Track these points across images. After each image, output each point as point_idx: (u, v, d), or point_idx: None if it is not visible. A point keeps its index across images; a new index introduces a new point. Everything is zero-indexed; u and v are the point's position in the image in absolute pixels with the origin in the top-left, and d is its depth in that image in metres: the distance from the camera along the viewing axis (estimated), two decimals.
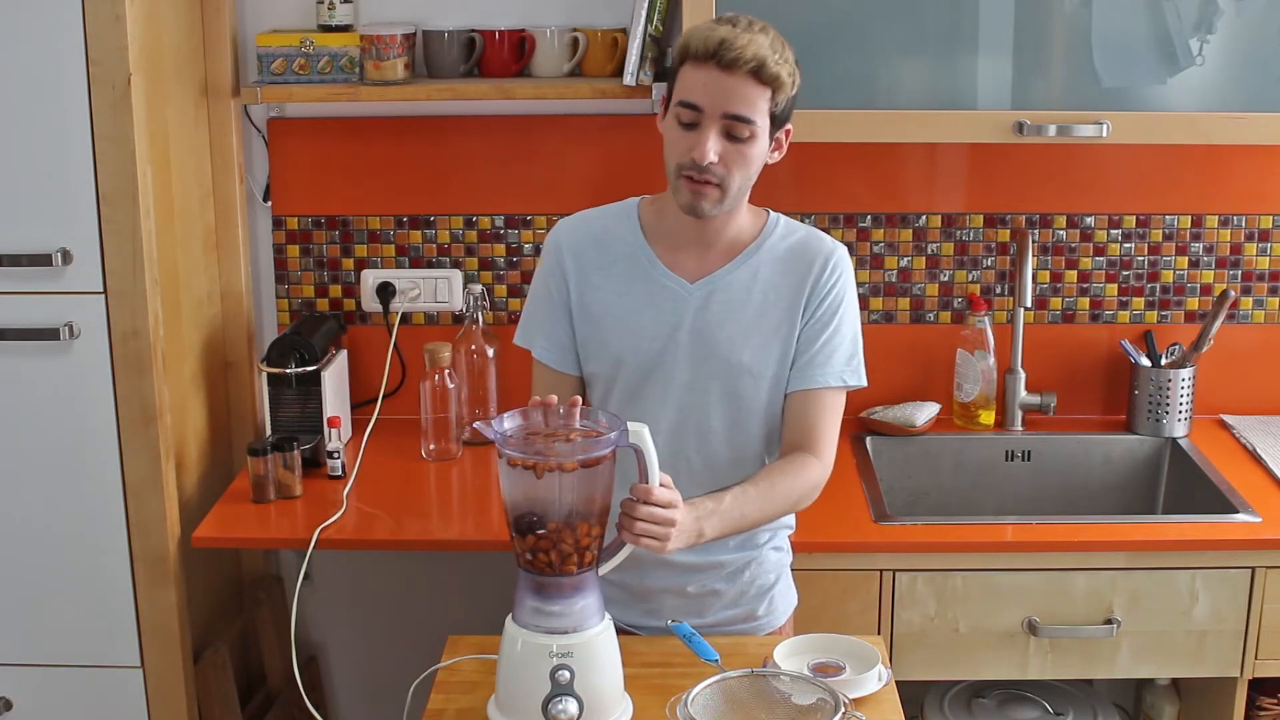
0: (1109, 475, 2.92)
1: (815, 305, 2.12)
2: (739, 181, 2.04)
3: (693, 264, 2.13)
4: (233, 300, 2.90)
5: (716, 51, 1.96)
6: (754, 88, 1.97)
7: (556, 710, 1.83)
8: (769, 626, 2.26)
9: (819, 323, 2.13)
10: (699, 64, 1.98)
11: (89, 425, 2.50)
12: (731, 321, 2.12)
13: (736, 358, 2.12)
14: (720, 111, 1.98)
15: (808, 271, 2.12)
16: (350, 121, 2.90)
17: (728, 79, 1.97)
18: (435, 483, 2.75)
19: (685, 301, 2.12)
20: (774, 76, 1.98)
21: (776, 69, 1.98)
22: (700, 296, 2.12)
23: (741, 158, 2.01)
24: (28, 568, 2.57)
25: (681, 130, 2.01)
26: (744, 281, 2.12)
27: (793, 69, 2.02)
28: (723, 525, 2.01)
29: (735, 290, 2.12)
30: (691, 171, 2.01)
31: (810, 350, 2.13)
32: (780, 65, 1.98)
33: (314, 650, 3.16)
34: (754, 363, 2.13)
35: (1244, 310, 2.98)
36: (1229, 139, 2.59)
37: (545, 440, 1.86)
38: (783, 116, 2.04)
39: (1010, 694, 2.72)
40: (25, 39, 2.35)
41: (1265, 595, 2.49)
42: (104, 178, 2.39)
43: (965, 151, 2.91)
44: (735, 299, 2.12)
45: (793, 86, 2.02)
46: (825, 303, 2.13)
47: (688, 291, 2.13)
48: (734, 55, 1.95)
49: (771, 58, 1.97)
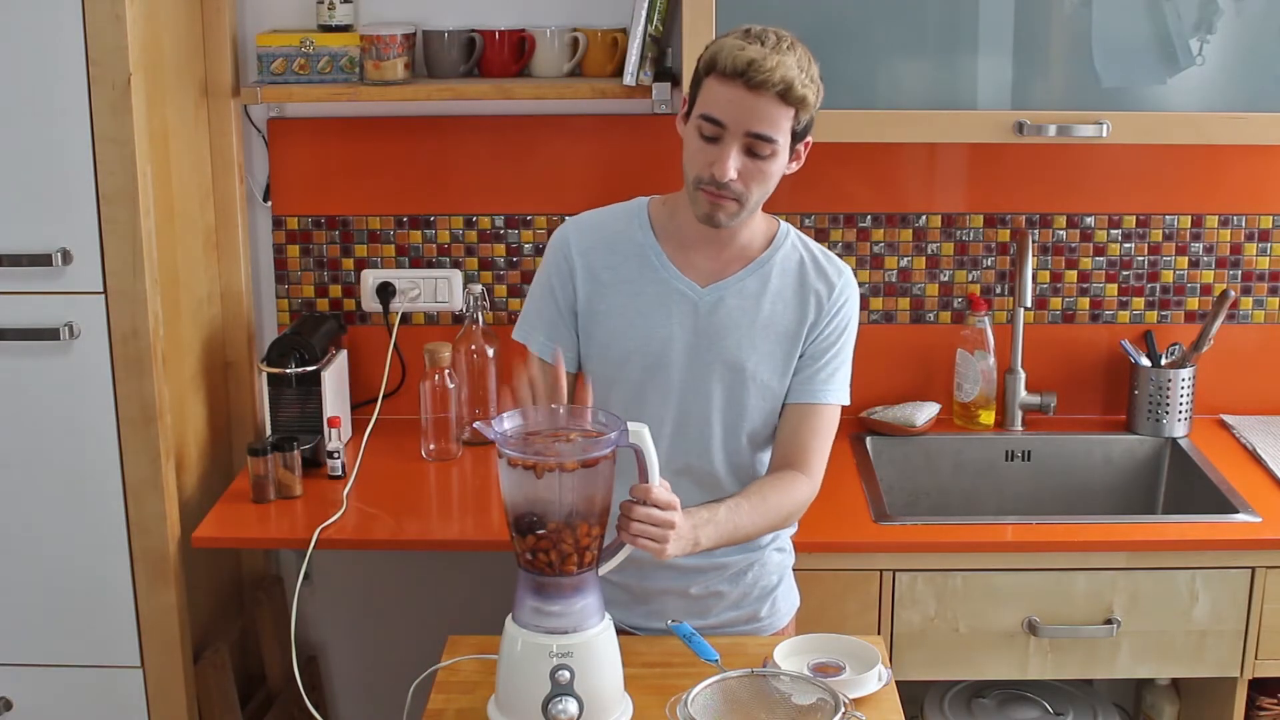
0: (1109, 475, 2.92)
1: (824, 324, 2.14)
2: (757, 196, 2.04)
3: (704, 267, 2.14)
4: (233, 300, 2.90)
5: (745, 71, 1.95)
6: (779, 108, 1.97)
7: (556, 710, 1.83)
8: (772, 628, 2.26)
9: (826, 340, 2.14)
10: (725, 81, 1.97)
11: (89, 425, 2.50)
12: (738, 327, 2.12)
13: (740, 363, 2.13)
14: (744, 130, 1.98)
15: (820, 289, 2.14)
16: (350, 121, 2.90)
17: (754, 99, 1.96)
18: (435, 483, 2.75)
19: (694, 304, 2.12)
20: (800, 99, 1.98)
21: (803, 91, 1.98)
22: (710, 301, 2.12)
23: (761, 174, 2.01)
24: (28, 568, 2.57)
25: (702, 142, 2.01)
26: (754, 289, 2.13)
27: (818, 87, 2.02)
28: (718, 535, 2.02)
29: (745, 297, 2.13)
30: (710, 186, 2.01)
31: (814, 366, 2.14)
32: (807, 87, 1.98)
33: (314, 650, 3.16)
34: (757, 370, 2.13)
35: (1244, 310, 2.98)
36: (1229, 139, 2.59)
37: (545, 440, 1.86)
38: (804, 131, 2.05)
39: (1010, 694, 2.72)
40: (25, 39, 2.35)
41: (1265, 595, 2.49)
42: (104, 178, 2.39)
43: (965, 151, 2.91)
44: (744, 306, 2.12)
45: (817, 103, 2.03)
46: (834, 323, 2.14)
47: (697, 295, 2.13)
48: (763, 78, 1.95)
49: (799, 79, 1.97)
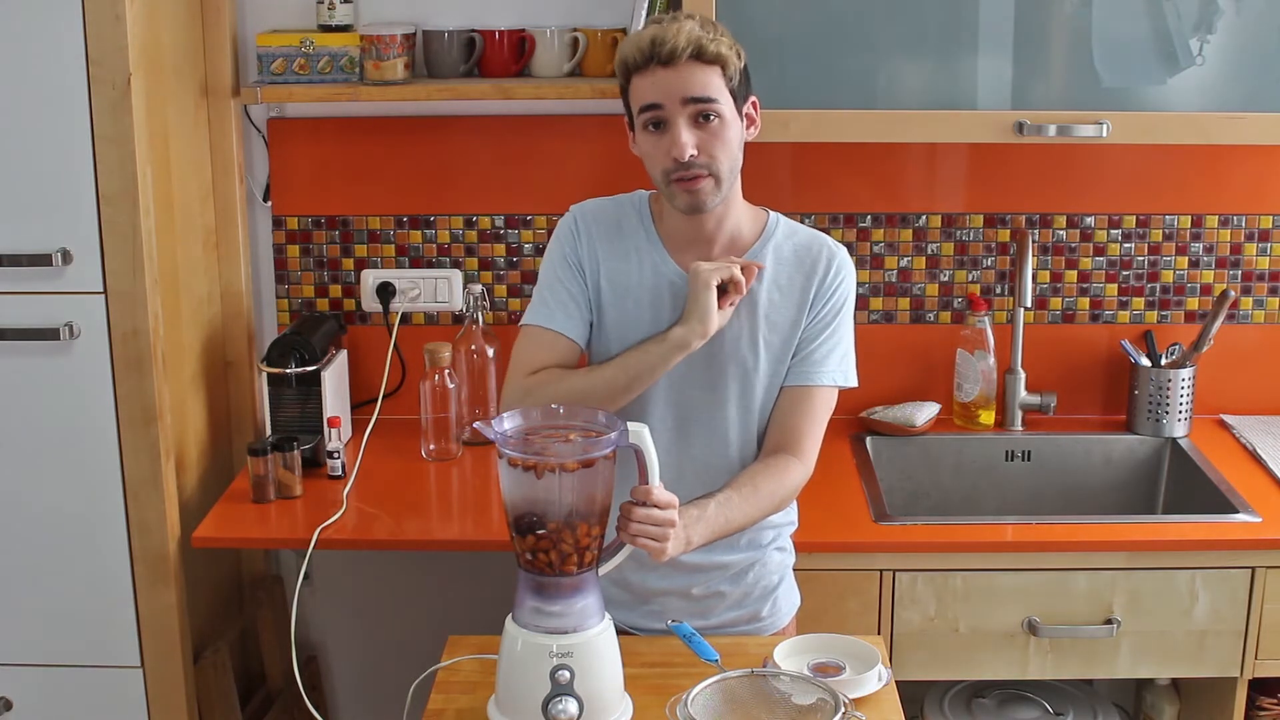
0: (1109, 475, 2.92)
1: (820, 305, 2.13)
2: (725, 163, 2.03)
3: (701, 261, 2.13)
4: (233, 300, 2.90)
5: (652, 52, 1.98)
6: (701, 69, 1.99)
7: (556, 710, 1.83)
8: (773, 627, 2.26)
9: (821, 322, 2.13)
10: (642, 71, 2.00)
11: (89, 425, 2.50)
12: (736, 320, 2.12)
13: (740, 356, 2.13)
14: (680, 100, 1.99)
15: (814, 272, 2.13)
16: (350, 121, 2.90)
17: (674, 72, 1.98)
18: (435, 483, 2.75)
19: None
20: (715, 54, 1.99)
21: (715, 46, 1.99)
22: None
23: (717, 140, 2.02)
24: (28, 568, 2.57)
25: (654, 137, 2.03)
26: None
27: (731, 42, 2.03)
28: (709, 531, 2.01)
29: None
30: (679, 172, 2.01)
31: (809, 348, 2.13)
32: (718, 42, 2.00)
33: (314, 650, 3.16)
34: (757, 361, 2.13)
35: (1244, 310, 2.98)
36: (1229, 139, 2.59)
37: (545, 440, 1.86)
38: (742, 91, 2.05)
39: (1010, 694, 2.72)
40: (25, 39, 2.35)
41: (1265, 595, 2.49)
42: (104, 178, 2.39)
43: (965, 151, 2.91)
44: (744, 297, 2.11)
45: (739, 59, 2.03)
46: (829, 303, 2.13)
47: None
48: (670, 47, 1.97)
49: (705, 36, 1.99)
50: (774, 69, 2.53)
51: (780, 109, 2.49)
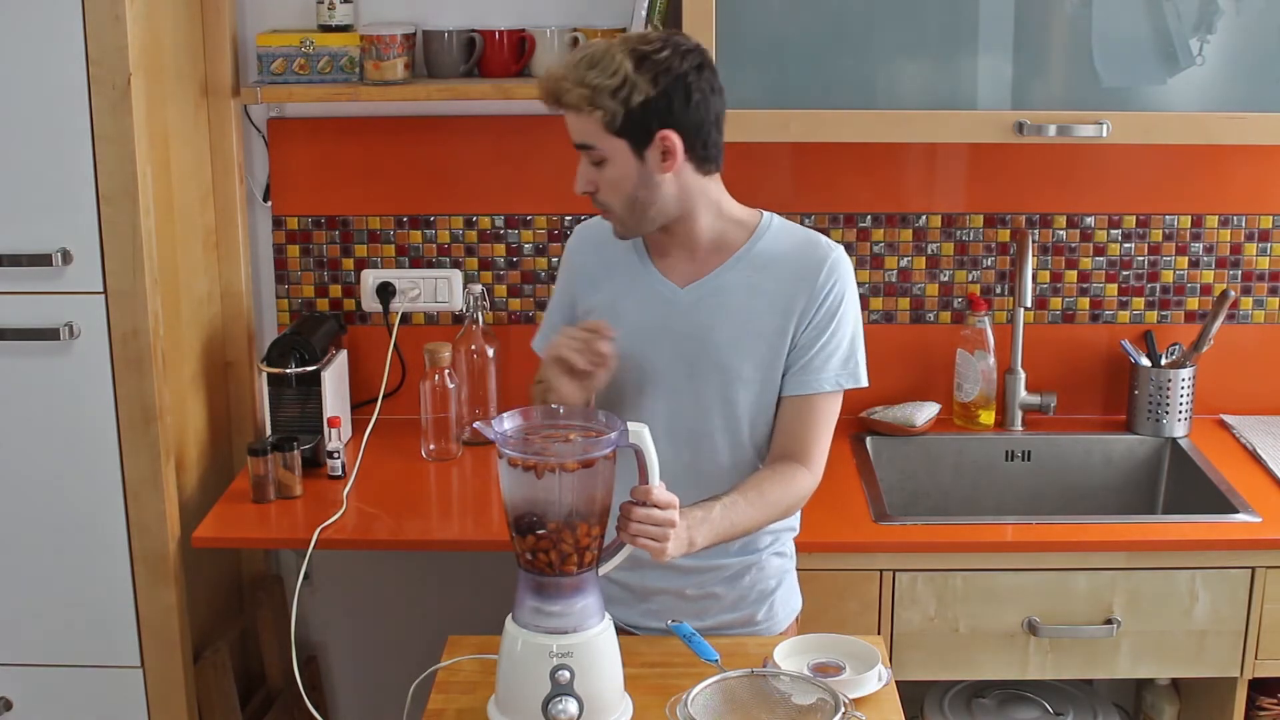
0: (1109, 475, 2.92)
1: (813, 311, 2.10)
2: (617, 202, 2.05)
3: (683, 268, 2.13)
4: (233, 300, 2.90)
5: (544, 98, 2.02)
6: (573, 115, 2.00)
7: (556, 710, 1.83)
8: (769, 632, 2.24)
9: (816, 328, 2.11)
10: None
11: (89, 425, 2.50)
12: (724, 325, 2.11)
13: (729, 361, 2.11)
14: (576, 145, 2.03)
15: (805, 277, 2.10)
16: (350, 121, 2.90)
17: (566, 115, 2.01)
18: (435, 483, 2.75)
19: (674, 305, 2.12)
20: (576, 103, 1.97)
21: (577, 93, 1.95)
22: (689, 301, 2.12)
23: (603, 181, 2.04)
24: (28, 568, 2.57)
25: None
26: (736, 284, 2.11)
27: (607, 80, 1.94)
28: (713, 534, 2.01)
29: (726, 294, 2.11)
30: None
31: (806, 355, 2.11)
32: (577, 87, 1.95)
33: (314, 650, 3.16)
34: (746, 366, 2.12)
35: (1244, 310, 2.98)
36: (1230, 139, 2.59)
37: (545, 440, 1.86)
38: (638, 129, 1.98)
39: (1010, 694, 2.72)
40: (25, 39, 2.35)
41: (1265, 595, 2.49)
42: (104, 178, 2.39)
43: (965, 151, 2.91)
44: (727, 303, 2.11)
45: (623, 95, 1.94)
46: (823, 308, 2.10)
47: (677, 296, 2.12)
48: (550, 98, 2.00)
49: (564, 85, 1.97)
50: (774, 69, 2.53)
51: (780, 109, 2.49)
